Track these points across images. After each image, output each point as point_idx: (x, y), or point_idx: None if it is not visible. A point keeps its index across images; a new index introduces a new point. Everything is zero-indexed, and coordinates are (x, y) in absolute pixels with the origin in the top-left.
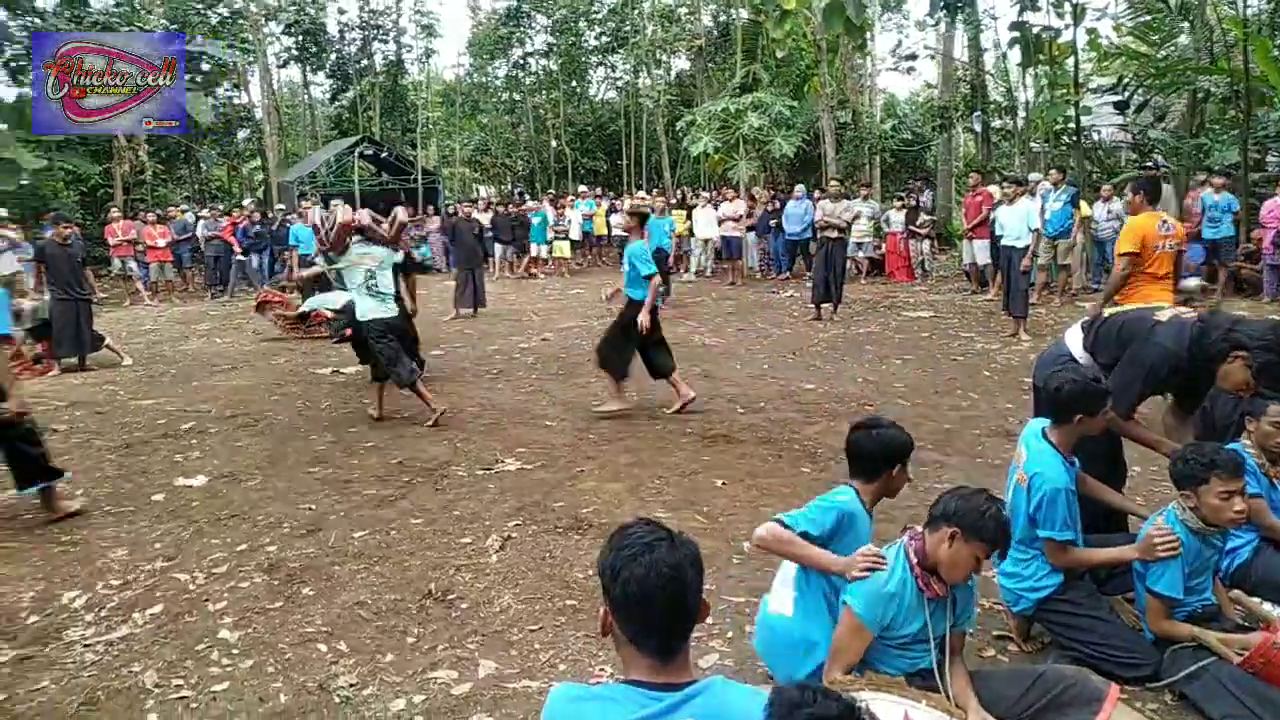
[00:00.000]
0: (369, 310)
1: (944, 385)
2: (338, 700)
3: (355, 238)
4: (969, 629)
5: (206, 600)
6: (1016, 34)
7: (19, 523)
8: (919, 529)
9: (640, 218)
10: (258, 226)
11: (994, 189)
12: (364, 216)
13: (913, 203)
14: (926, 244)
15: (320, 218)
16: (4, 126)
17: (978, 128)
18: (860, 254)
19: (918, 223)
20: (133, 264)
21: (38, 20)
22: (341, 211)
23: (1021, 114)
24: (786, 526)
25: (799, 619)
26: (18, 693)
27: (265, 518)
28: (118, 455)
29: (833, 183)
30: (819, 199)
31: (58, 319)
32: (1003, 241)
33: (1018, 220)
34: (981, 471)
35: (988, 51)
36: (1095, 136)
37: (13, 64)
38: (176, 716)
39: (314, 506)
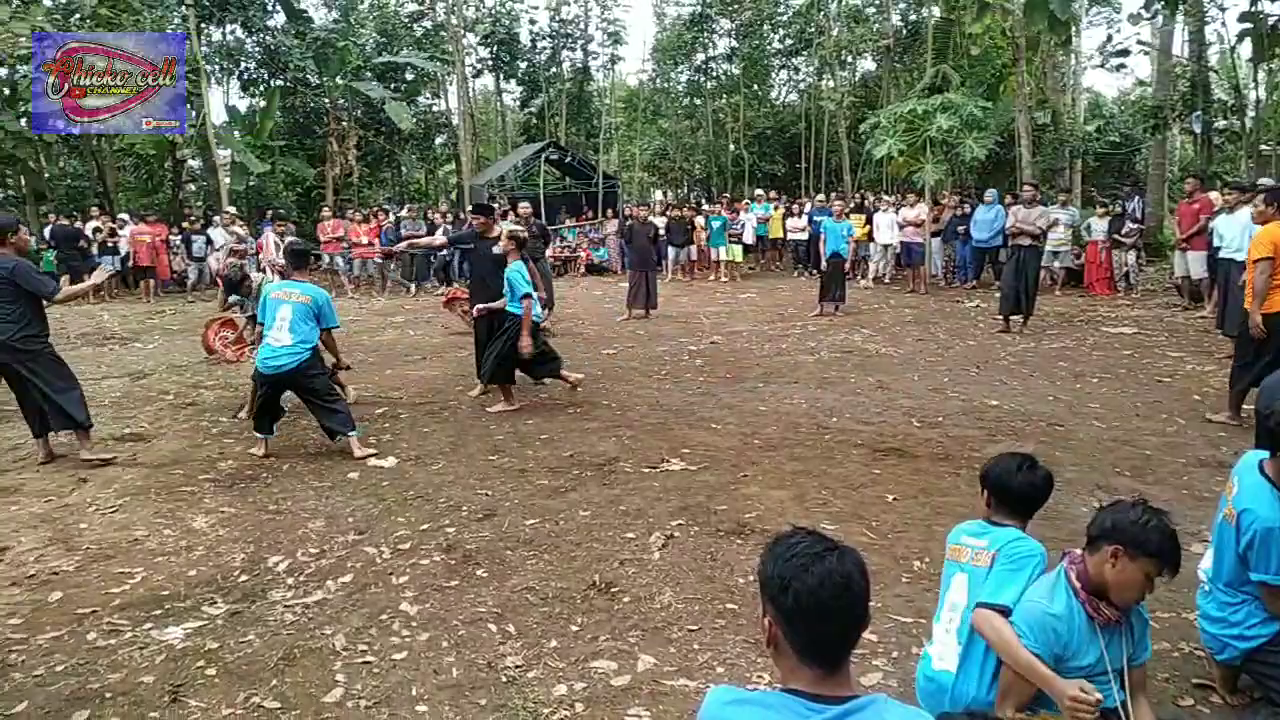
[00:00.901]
0: None
1: (1146, 408)
2: (504, 680)
3: None
4: (1146, 658)
5: (391, 574)
6: (1249, 25)
7: (235, 491)
8: (1078, 552)
9: (518, 242)
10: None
11: (1213, 196)
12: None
13: (1118, 210)
14: (1132, 255)
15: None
16: (237, 134)
17: (1197, 129)
18: (1056, 263)
19: (1123, 231)
20: (339, 259)
21: (270, 39)
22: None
23: (1250, 114)
24: (996, 608)
25: (970, 676)
26: (228, 643)
27: (446, 500)
28: (319, 434)
29: (1027, 187)
30: (1011, 204)
31: None
32: (1220, 253)
33: (1238, 230)
34: (1186, 504)
35: (1212, 46)
36: None
37: (244, 76)
38: (360, 679)
39: (490, 493)
